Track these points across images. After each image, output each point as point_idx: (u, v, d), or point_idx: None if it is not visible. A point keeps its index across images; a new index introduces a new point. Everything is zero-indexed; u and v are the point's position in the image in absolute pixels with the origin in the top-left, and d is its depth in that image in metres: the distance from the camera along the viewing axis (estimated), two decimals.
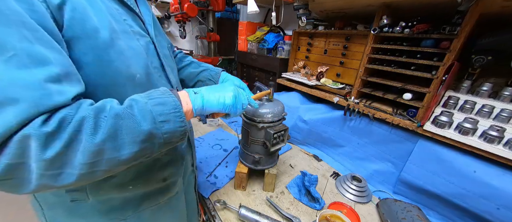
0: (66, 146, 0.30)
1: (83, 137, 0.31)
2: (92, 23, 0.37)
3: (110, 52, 0.39)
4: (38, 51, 0.29)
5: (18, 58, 0.28)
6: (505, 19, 0.70)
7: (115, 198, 0.50)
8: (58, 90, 0.31)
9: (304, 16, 1.20)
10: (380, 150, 1.01)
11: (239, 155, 0.93)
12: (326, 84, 1.16)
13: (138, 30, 0.48)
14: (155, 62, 0.52)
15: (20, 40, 0.28)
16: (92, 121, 0.32)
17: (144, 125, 0.36)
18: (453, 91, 0.83)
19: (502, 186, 0.67)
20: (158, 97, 0.40)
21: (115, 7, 0.44)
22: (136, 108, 0.37)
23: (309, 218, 0.79)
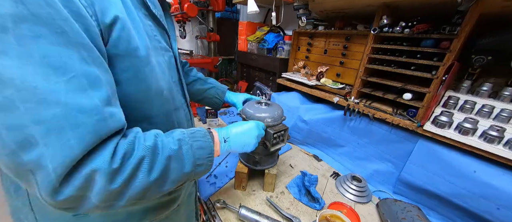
0: (126, 182, 0.31)
1: (140, 175, 0.33)
2: (135, 42, 0.37)
3: (145, 69, 0.40)
4: (93, 72, 0.29)
5: (78, 80, 0.27)
6: (505, 19, 0.70)
7: (119, 213, 0.50)
8: (111, 114, 0.31)
9: (304, 16, 1.20)
10: (380, 150, 1.01)
11: (239, 155, 0.93)
12: (326, 84, 1.16)
13: (165, 45, 0.49)
14: (175, 76, 0.53)
15: (80, 61, 0.28)
16: (149, 161, 0.34)
17: (186, 168, 0.39)
18: (453, 91, 0.83)
19: (502, 186, 0.67)
20: (200, 139, 0.43)
21: (148, 23, 0.44)
22: (184, 151, 0.39)
23: (309, 218, 0.79)
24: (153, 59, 0.42)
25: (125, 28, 0.35)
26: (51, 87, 0.25)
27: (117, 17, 0.33)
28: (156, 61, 0.43)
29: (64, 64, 0.26)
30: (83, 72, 0.28)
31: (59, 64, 0.26)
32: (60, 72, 0.26)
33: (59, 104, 0.26)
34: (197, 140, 0.42)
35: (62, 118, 0.26)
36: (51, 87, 0.25)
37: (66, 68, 0.26)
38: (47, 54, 0.25)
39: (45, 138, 0.25)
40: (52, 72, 0.25)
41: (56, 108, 0.25)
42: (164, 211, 0.58)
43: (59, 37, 0.26)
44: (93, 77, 0.29)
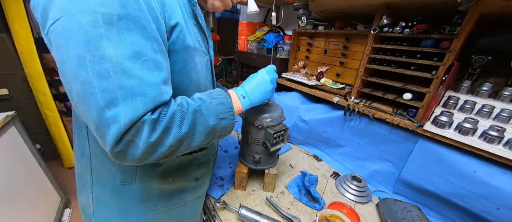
0: (163, 132, 0.39)
1: (173, 126, 0.41)
2: (187, 42, 0.47)
3: (191, 64, 0.50)
4: (158, 59, 0.39)
5: (148, 63, 0.37)
6: (505, 19, 0.70)
7: (154, 188, 0.59)
8: (165, 91, 0.41)
9: (304, 16, 1.20)
10: (380, 150, 1.01)
11: (239, 155, 0.93)
12: (326, 84, 1.16)
13: (204, 50, 0.58)
14: (210, 76, 0.63)
15: (151, 50, 0.38)
16: (180, 114, 0.42)
17: (211, 121, 0.46)
18: (453, 91, 0.83)
19: (502, 186, 0.67)
20: (217, 97, 0.50)
21: (194, 30, 0.54)
22: (204, 107, 0.46)
23: (309, 218, 0.79)
24: (197, 58, 0.52)
25: (182, 31, 0.46)
26: (132, 65, 0.35)
27: (177, 23, 0.44)
28: (198, 60, 0.53)
29: (142, 50, 0.36)
30: (152, 58, 0.38)
31: (139, 50, 0.36)
32: (138, 56, 0.36)
33: (135, 77, 0.36)
34: (215, 98, 0.50)
35: (136, 87, 0.36)
36: (132, 65, 0.35)
37: (142, 53, 0.36)
38: (133, 42, 0.36)
39: (124, 100, 0.35)
40: (134, 55, 0.36)
41: (133, 80, 0.35)
42: (190, 196, 0.67)
43: (142, 32, 0.36)
44: (158, 63, 0.39)
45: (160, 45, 0.40)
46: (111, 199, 0.57)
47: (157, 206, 0.61)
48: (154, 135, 0.38)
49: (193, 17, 0.54)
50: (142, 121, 0.37)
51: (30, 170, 1.39)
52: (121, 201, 0.57)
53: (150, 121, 0.37)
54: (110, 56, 0.34)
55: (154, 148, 0.39)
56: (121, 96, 0.35)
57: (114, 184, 0.56)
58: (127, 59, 0.35)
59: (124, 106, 0.35)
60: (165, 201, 0.62)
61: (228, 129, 0.51)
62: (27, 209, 1.30)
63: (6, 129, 1.23)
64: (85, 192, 0.59)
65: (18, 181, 1.26)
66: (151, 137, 0.38)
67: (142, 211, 0.59)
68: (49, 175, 1.55)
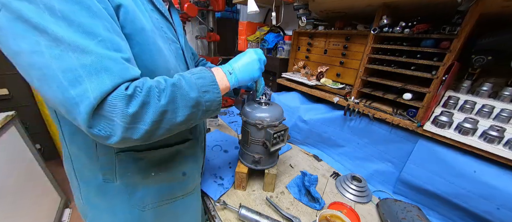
0: (141, 106, 0.38)
1: (152, 100, 0.40)
2: (140, 23, 0.45)
3: (152, 48, 0.48)
4: (114, 39, 0.38)
5: (104, 43, 0.36)
6: (505, 19, 0.70)
7: (138, 184, 0.58)
8: (131, 67, 0.40)
9: (304, 16, 1.20)
10: (380, 150, 1.01)
11: (239, 155, 0.93)
12: (326, 84, 1.16)
13: (171, 37, 0.56)
14: (182, 65, 0.60)
15: (104, 29, 0.37)
16: (156, 89, 0.41)
17: (192, 94, 0.45)
18: (453, 91, 0.83)
19: (502, 186, 0.67)
20: (198, 73, 0.49)
21: (155, 16, 0.52)
22: (184, 81, 0.45)
23: (309, 218, 0.79)
24: (161, 44, 0.50)
25: (129, 12, 0.43)
26: (88, 43, 0.35)
27: (121, 4, 0.42)
28: (163, 46, 0.51)
29: (93, 31, 0.36)
30: (107, 38, 0.37)
31: (90, 30, 0.35)
32: (92, 36, 0.35)
33: (94, 53, 0.35)
34: (195, 73, 0.49)
35: (98, 63, 0.35)
36: (88, 43, 0.35)
37: (95, 34, 0.36)
38: (82, 23, 0.35)
39: (89, 77, 0.34)
40: (87, 35, 0.35)
41: (93, 56, 0.35)
42: (179, 191, 0.66)
43: (88, 12, 0.36)
44: (115, 42, 0.38)
45: (112, 25, 0.39)
46: (97, 198, 0.57)
47: (144, 202, 0.60)
48: (130, 109, 0.37)
49: (149, 2, 0.52)
50: (114, 96, 0.36)
51: (30, 170, 1.39)
52: (106, 200, 0.57)
53: (124, 96, 0.37)
54: (63, 37, 0.33)
55: (133, 123, 0.38)
56: (84, 74, 0.34)
57: (97, 182, 0.55)
58: (81, 39, 0.34)
59: (90, 82, 0.34)
60: (152, 197, 0.61)
61: (214, 102, 0.50)
62: (27, 209, 1.30)
63: (6, 129, 1.23)
64: (76, 192, 0.59)
65: (18, 181, 1.26)
66: (127, 111, 0.37)
67: (129, 209, 0.59)
68: (49, 175, 1.55)
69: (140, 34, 0.45)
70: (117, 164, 0.54)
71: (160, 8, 0.54)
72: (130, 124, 0.38)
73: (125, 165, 0.55)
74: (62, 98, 0.35)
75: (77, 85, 0.34)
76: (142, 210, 0.60)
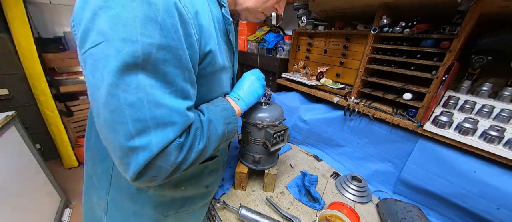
0: (188, 151, 0.41)
1: (195, 143, 0.43)
2: (218, 65, 0.49)
3: (216, 84, 0.53)
4: (187, 88, 0.41)
5: (178, 93, 0.39)
6: (505, 19, 0.70)
7: (167, 195, 0.60)
8: (190, 115, 0.42)
9: (304, 16, 1.20)
10: (380, 150, 1.01)
11: (239, 155, 0.93)
12: (326, 84, 1.16)
13: (230, 65, 0.59)
14: (229, 90, 0.64)
15: (182, 80, 0.39)
16: (199, 131, 0.44)
17: (219, 128, 0.49)
18: (453, 91, 0.83)
19: (502, 186, 0.67)
20: (220, 104, 0.53)
21: (224, 47, 0.54)
22: (213, 116, 0.49)
23: (309, 218, 0.79)
24: (224, 76, 0.55)
25: (214, 56, 0.47)
26: (163, 95, 0.37)
27: (210, 50, 0.45)
28: (225, 76, 0.56)
29: (174, 80, 0.38)
30: (182, 87, 0.40)
31: (171, 80, 0.37)
32: (169, 85, 0.37)
33: (166, 106, 0.37)
34: (218, 105, 0.52)
35: (167, 116, 0.37)
36: (163, 95, 0.37)
37: (173, 83, 0.38)
38: (167, 73, 0.37)
39: (156, 129, 0.36)
40: (165, 85, 0.37)
41: (164, 109, 0.37)
42: (200, 202, 0.69)
43: (177, 62, 0.37)
44: (187, 91, 0.41)
45: (190, 74, 0.41)
46: (127, 203, 0.59)
47: (168, 211, 0.63)
48: (180, 155, 0.40)
49: (225, 34, 0.54)
50: (172, 146, 0.38)
51: (30, 170, 1.39)
52: (135, 205, 0.59)
53: (178, 145, 0.39)
54: (144, 85, 0.34)
55: (179, 166, 0.41)
56: (152, 125, 0.36)
57: (131, 190, 0.57)
58: (159, 88, 0.36)
59: (155, 134, 0.36)
60: (177, 207, 0.64)
61: (233, 132, 0.54)
62: (27, 209, 1.30)
63: (6, 129, 1.23)
64: (98, 193, 0.60)
65: (18, 181, 1.26)
66: (178, 158, 0.40)
67: (153, 214, 0.61)
68: (49, 175, 1.55)
69: (214, 75, 0.50)
70: None
71: (232, 40, 0.56)
72: (177, 167, 0.41)
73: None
74: (124, 145, 0.35)
75: (142, 136, 0.35)
76: (165, 217, 0.63)
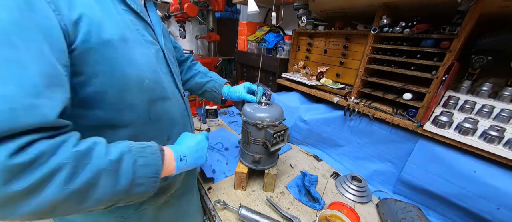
0: (29, 188, 0.26)
1: (52, 185, 0.28)
2: (107, 35, 0.39)
3: (122, 60, 0.42)
4: (20, 57, 0.28)
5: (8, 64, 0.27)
6: (505, 19, 0.70)
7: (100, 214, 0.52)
8: (31, 105, 0.27)
9: (304, 16, 1.20)
10: (380, 150, 1.01)
11: (239, 155, 0.93)
12: (326, 84, 1.16)
13: (150, 39, 0.51)
14: (164, 68, 0.56)
15: (7, 48, 0.27)
16: (71, 170, 0.29)
17: (121, 185, 0.35)
18: (453, 91, 0.83)
19: (502, 186, 0.67)
20: (148, 156, 0.41)
21: (129, 18, 0.46)
22: (124, 164, 0.36)
23: (309, 218, 0.79)
24: (134, 51, 0.44)
25: (93, 23, 0.37)
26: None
27: (81, 16, 0.35)
28: (138, 52, 0.45)
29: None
30: (14, 59, 0.27)
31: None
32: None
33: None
34: (145, 156, 0.40)
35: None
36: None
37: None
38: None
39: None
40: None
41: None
42: (162, 196, 0.60)
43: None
44: (19, 62, 0.27)
45: (29, 42, 0.29)
46: (76, 216, 0.54)
47: (126, 213, 0.56)
48: (10, 187, 0.25)
49: (121, 2, 0.46)
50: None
51: None
52: (88, 217, 0.54)
53: (4, 166, 0.24)
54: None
55: (3, 207, 0.26)
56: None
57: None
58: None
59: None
60: (135, 206, 0.56)
61: (137, 198, 0.41)
62: None
63: None
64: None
65: None
66: (6, 189, 0.25)
67: (110, 220, 0.55)
68: None
69: (107, 47, 0.39)
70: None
71: (134, 7, 0.47)
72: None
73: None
74: None
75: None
76: (126, 218, 0.56)
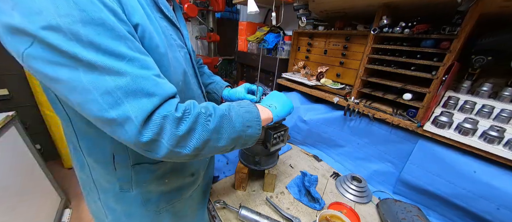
0: (187, 131, 0.40)
1: (198, 127, 0.41)
2: (155, 41, 0.45)
3: (164, 63, 0.48)
4: (141, 58, 0.38)
5: (133, 62, 0.36)
6: (505, 19, 0.70)
7: (153, 192, 0.60)
8: (165, 83, 0.40)
9: (304, 16, 1.20)
10: (380, 150, 1.01)
11: (239, 155, 0.93)
12: (326, 84, 1.16)
13: (179, 43, 0.56)
14: (190, 70, 0.61)
15: (128, 49, 0.37)
16: (204, 117, 0.43)
17: (237, 126, 0.48)
18: (453, 92, 0.83)
19: (502, 186, 0.67)
20: (246, 106, 0.52)
21: (164, 25, 0.52)
22: (233, 112, 0.48)
23: (309, 218, 0.79)
24: (170, 55, 0.50)
25: (146, 30, 0.43)
26: (119, 65, 0.35)
27: (138, 23, 0.42)
28: (173, 56, 0.51)
29: (120, 52, 0.35)
30: (134, 57, 0.37)
31: (117, 52, 0.35)
32: (120, 57, 0.35)
33: (128, 74, 0.35)
34: (243, 106, 0.52)
35: (133, 83, 0.36)
36: (119, 65, 0.35)
37: (122, 55, 0.35)
38: (108, 46, 0.34)
39: (127, 98, 0.35)
40: (115, 57, 0.35)
41: (127, 77, 0.35)
42: (188, 190, 0.69)
43: (111, 33, 0.35)
44: (142, 61, 0.38)
45: (134, 43, 0.38)
46: (115, 204, 0.60)
47: (158, 207, 0.63)
48: (178, 132, 0.39)
49: (158, 10, 0.51)
50: (163, 117, 0.37)
51: (30, 170, 1.39)
52: (123, 206, 0.60)
53: (174, 119, 0.38)
54: (96, 62, 0.33)
55: (177, 147, 0.40)
56: (122, 95, 0.35)
57: (115, 191, 0.58)
58: (111, 61, 0.34)
59: (129, 104, 0.35)
60: (166, 200, 0.64)
61: (253, 138, 0.53)
62: (27, 209, 1.30)
63: (6, 129, 1.23)
64: (94, 199, 0.62)
65: (18, 181, 1.26)
66: (175, 134, 0.38)
67: (144, 212, 0.61)
68: (49, 175, 1.55)
69: (155, 52, 0.45)
70: (133, 175, 0.56)
71: (168, 14, 0.53)
72: (174, 147, 0.39)
73: (141, 176, 0.57)
74: (105, 120, 0.36)
75: (117, 107, 0.35)
76: (158, 212, 0.63)
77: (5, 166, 1.18)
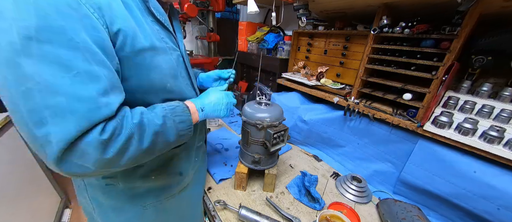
0: (118, 153, 0.39)
1: (131, 147, 0.41)
2: (139, 45, 0.45)
3: (150, 67, 0.48)
4: (93, 70, 0.36)
5: (81, 76, 0.34)
6: (505, 19, 0.70)
7: (140, 187, 0.61)
8: (106, 103, 0.38)
9: (304, 16, 1.20)
10: (380, 150, 1.01)
11: (239, 155, 0.93)
12: (326, 84, 1.16)
13: (172, 45, 0.56)
14: (183, 72, 0.61)
15: (83, 61, 0.35)
16: (138, 137, 0.42)
17: (171, 139, 0.50)
18: (453, 92, 0.83)
19: (502, 186, 0.67)
20: (181, 114, 0.53)
21: (156, 28, 0.52)
22: (168, 126, 0.49)
23: (309, 218, 0.79)
24: (160, 57, 0.50)
25: (129, 34, 0.43)
26: (59, 81, 0.33)
27: (119, 29, 0.41)
28: (163, 59, 0.51)
29: (71, 64, 0.33)
30: (85, 70, 0.35)
31: (67, 63, 0.33)
32: (67, 70, 0.33)
33: (63, 94, 0.33)
34: (178, 115, 0.52)
35: (65, 105, 0.33)
36: (59, 81, 0.33)
37: (71, 67, 0.33)
38: (58, 56, 0.32)
39: (53, 119, 0.33)
40: (61, 70, 0.33)
41: (61, 97, 0.33)
42: (177, 188, 0.69)
43: (68, 43, 0.33)
44: (93, 74, 0.36)
45: (94, 55, 0.36)
46: (102, 198, 0.60)
47: (145, 202, 0.63)
48: (106, 156, 0.37)
49: (149, 14, 0.51)
50: (86, 143, 0.35)
51: (30, 170, 1.39)
52: (110, 200, 0.60)
53: (98, 143, 0.36)
54: (31, 74, 0.31)
55: (106, 168, 0.39)
56: (49, 115, 0.32)
57: (101, 186, 0.58)
58: (52, 75, 0.32)
59: (53, 125, 0.33)
60: (153, 197, 0.64)
61: (182, 141, 0.55)
62: (27, 209, 1.30)
63: (6, 129, 1.23)
64: (82, 193, 0.62)
65: (18, 182, 1.26)
66: (102, 158, 0.37)
67: (132, 207, 0.62)
68: (49, 176, 1.55)
69: (138, 56, 0.45)
70: (119, 172, 0.56)
71: (160, 19, 0.53)
72: (103, 168, 0.39)
73: (127, 172, 0.57)
74: (28, 137, 0.34)
75: (41, 127, 0.33)
76: (144, 208, 0.63)
77: (5, 166, 1.18)
